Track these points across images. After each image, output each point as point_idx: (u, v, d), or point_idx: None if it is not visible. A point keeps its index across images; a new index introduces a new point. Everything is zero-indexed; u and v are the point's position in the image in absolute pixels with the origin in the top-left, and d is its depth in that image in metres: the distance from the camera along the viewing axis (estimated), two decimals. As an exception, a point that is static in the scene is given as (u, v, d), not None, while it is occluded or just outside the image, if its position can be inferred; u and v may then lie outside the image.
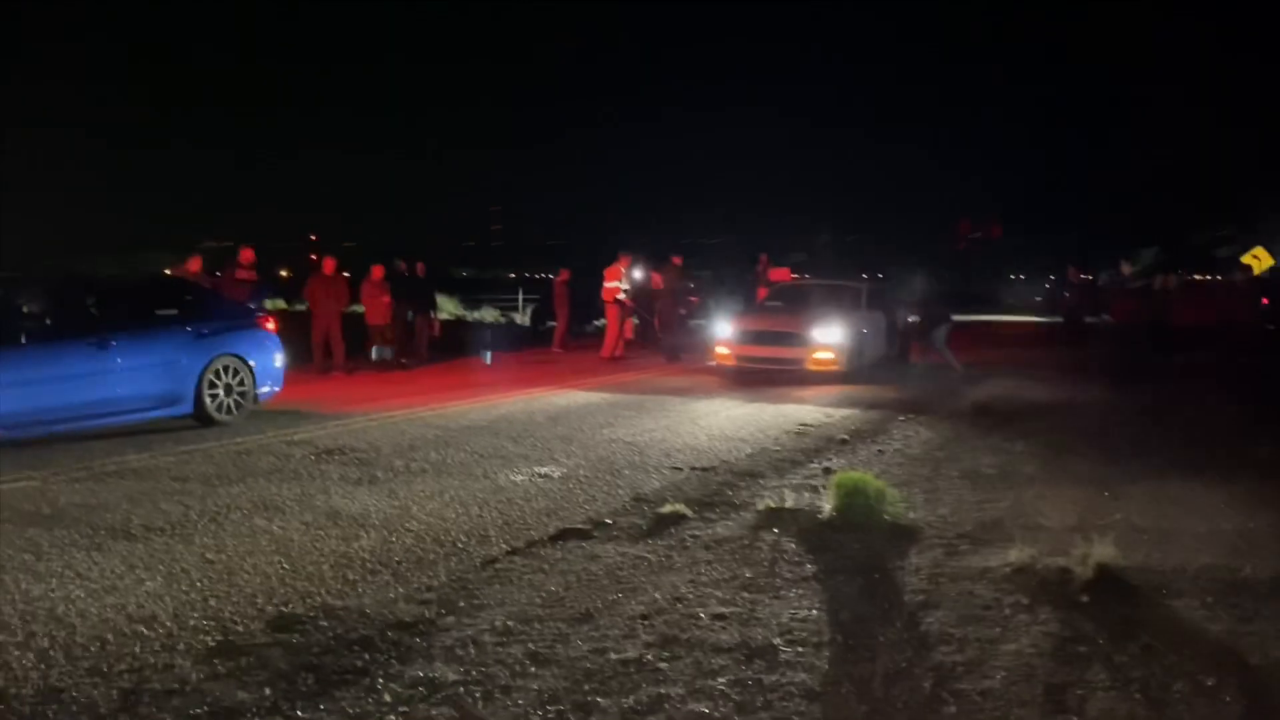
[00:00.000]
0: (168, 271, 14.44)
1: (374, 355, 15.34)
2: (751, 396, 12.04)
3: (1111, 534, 5.36)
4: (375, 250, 17.63)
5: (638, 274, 18.85)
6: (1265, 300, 20.52)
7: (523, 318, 28.32)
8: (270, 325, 10.49)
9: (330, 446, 8.37)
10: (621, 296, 17.25)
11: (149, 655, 3.87)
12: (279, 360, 10.28)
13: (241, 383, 9.74)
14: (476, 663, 3.83)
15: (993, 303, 37.96)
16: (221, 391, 9.57)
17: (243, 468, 7.50)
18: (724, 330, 14.82)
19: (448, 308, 26.97)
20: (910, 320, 16.92)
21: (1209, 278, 34.22)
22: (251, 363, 9.87)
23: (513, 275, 43.35)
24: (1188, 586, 4.84)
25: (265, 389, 10.08)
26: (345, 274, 15.75)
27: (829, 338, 13.91)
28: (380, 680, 3.67)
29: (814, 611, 4.45)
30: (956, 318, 16.97)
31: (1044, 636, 4.20)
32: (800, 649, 4.01)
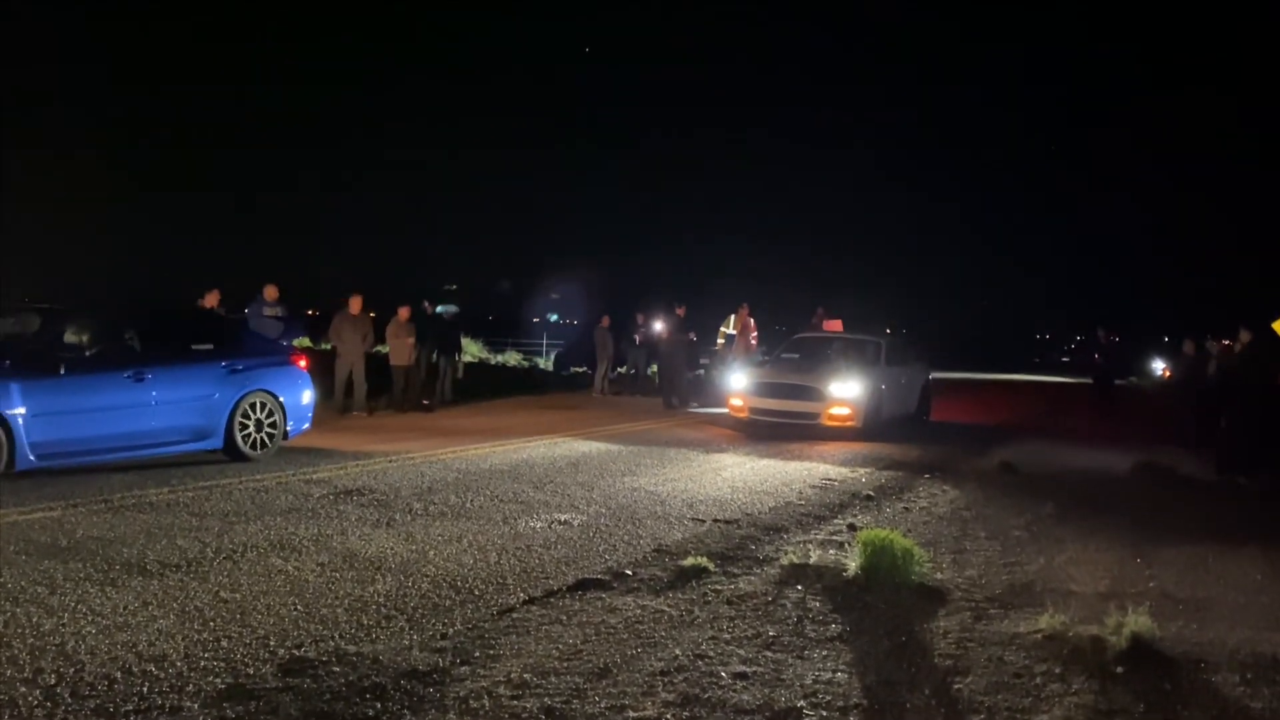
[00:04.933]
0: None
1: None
2: (774, 449, 11.91)
3: (1146, 602, 5.21)
4: (404, 291, 17.70)
5: (657, 325, 19.31)
6: None
7: (546, 362, 28.33)
8: (302, 363, 10.58)
9: (349, 487, 8.31)
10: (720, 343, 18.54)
11: (157, 696, 3.78)
12: (310, 398, 10.37)
13: (272, 419, 9.80)
14: (491, 716, 3.72)
15: (1018, 362, 37.62)
16: (252, 427, 9.62)
17: (261, 505, 7.45)
18: (739, 381, 14.60)
19: (472, 350, 27.00)
20: (929, 379, 16.63)
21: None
22: (283, 399, 9.93)
23: (535, 320, 43.47)
24: (1226, 660, 4.67)
25: (295, 426, 10.15)
26: (371, 314, 15.81)
27: (846, 392, 13.60)
28: (391, 731, 3.57)
29: (839, 674, 4.31)
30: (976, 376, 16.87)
31: (1077, 708, 4.05)
32: (825, 713, 3.87)
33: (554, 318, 43.06)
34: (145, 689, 3.85)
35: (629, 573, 5.86)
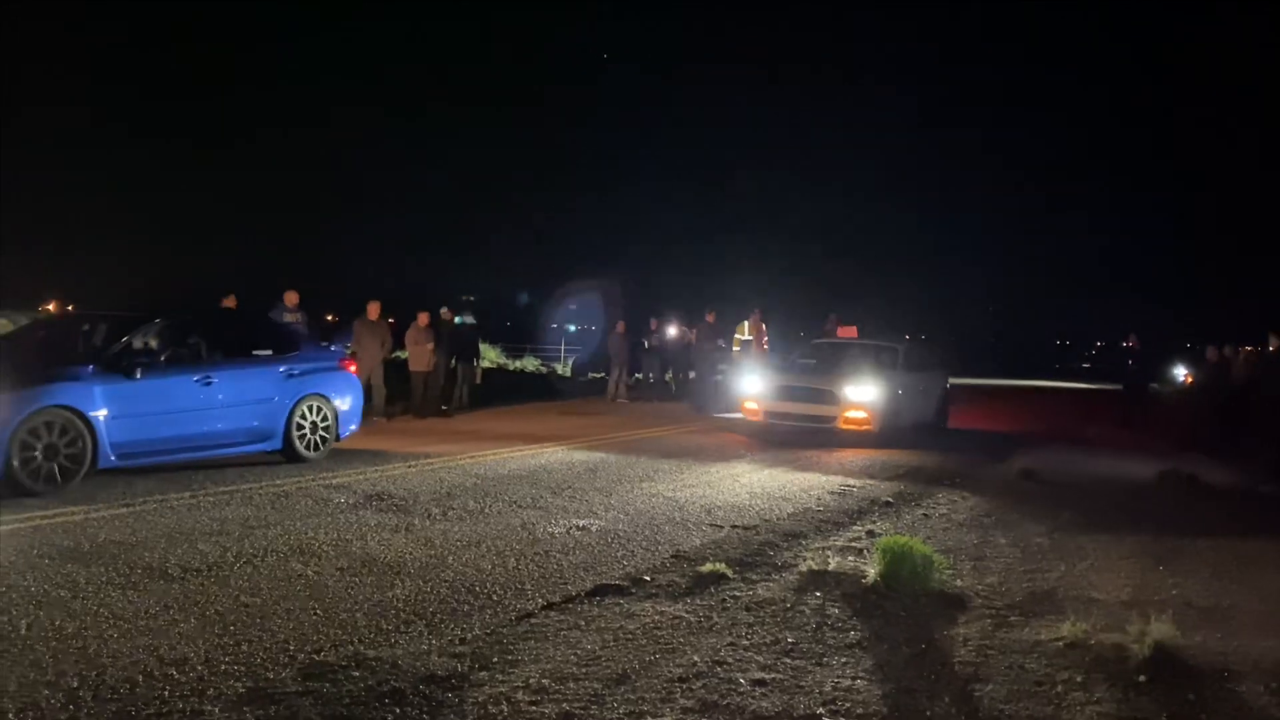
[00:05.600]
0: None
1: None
2: (791, 455, 11.87)
3: (1168, 611, 5.16)
4: (429, 297, 17.79)
5: (672, 330, 19.50)
6: None
7: (564, 369, 28.37)
8: (352, 368, 11.01)
9: (369, 491, 8.34)
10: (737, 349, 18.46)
11: (178, 700, 3.80)
12: (358, 401, 10.81)
13: (326, 422, 10.20)
14: (509, 721, 3.73)
15: (1038, 369, 37.31)
16: (308, 429, 10.02)
17: (281, 510, 7.48)
18: (754, 385, 14.39)
19: (490, 356, 27.07)
20: (948, 386, 16.38)
21: None
22: (335, 402, 10.35)
23: (554, 326, 43.50)
24: (1250, 670, 4.62)
25: (346, 428, 10.55)
26: (390, 320, 15.87)
27: (862, 396, 13.39)
28: (411, 736, 3.57)
29: (859, 681, 4.29)
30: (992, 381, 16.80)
31: (1100, 717, 4.02)
32: (844, 720, 3.86)
33: (573, 328, 43.08)
34: (166, 692, 3.87)
35: (647, 579, 5.85)
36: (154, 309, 9.79)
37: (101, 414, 8.25)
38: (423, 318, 15.65)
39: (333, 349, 11.41)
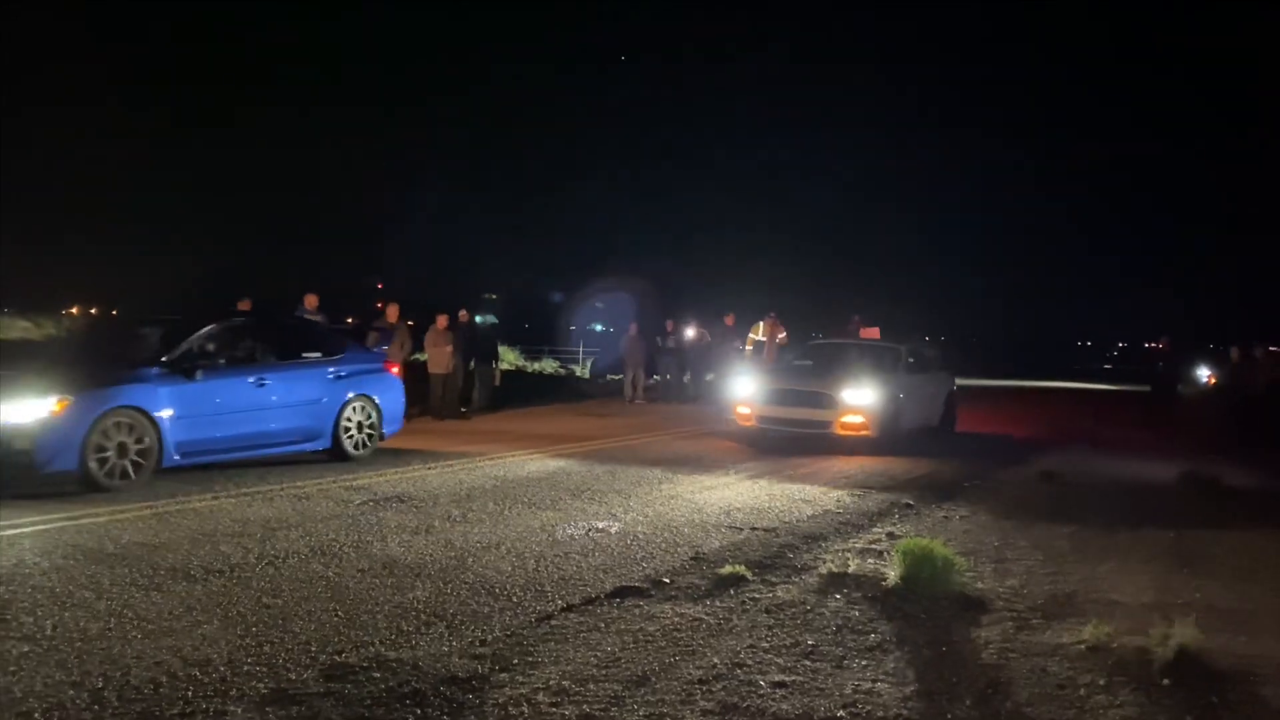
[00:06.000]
0: None
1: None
2: (803, 461, 11.85)
3: (1192, 614, 5.12)
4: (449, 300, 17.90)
5: (690, 331, 19.53)
6: None
7: (582, 370, 28.41)
8: (395, 370, 11.52)
9: (388, 494, 8.38)
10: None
11: (202, 700, 3.83)
12: (401, 402, 11.22)
13: (371, 421, 10.58)
14: (530, 723, 3.74)
15: (1059, 370, 36.89)
16: (355, 429, 10.39)
17: (301, 512, 7.53)
18: (746, 388, 13.54)
19: (508, 358, 27.16)
20: (954, 389, 15.64)
21: None
22: (379, 403, 10.72)
23: (573, 327, 43.55)
24: (1274, 673, 4.58)
25: (390, 428, 10.93)
26: (409, 322, 15.94)
27: (860, 400, 12.54)
28: (432, 737, 3.59)
29: (879, 684, 4.28)
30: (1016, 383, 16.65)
31: (1123, 721, 3.99)
32: (864, 723, 3.85)
33: (599, 327, 43.06)
34: (190, 693, 3.90)
35: (667, 581, 5.86)
36: (205, 311, 10.31)
37: (166, 414, 8.61)
38: (441, 320, 15.72)
39: (375, 351, 11.77)
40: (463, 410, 15.62)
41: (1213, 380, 26.15)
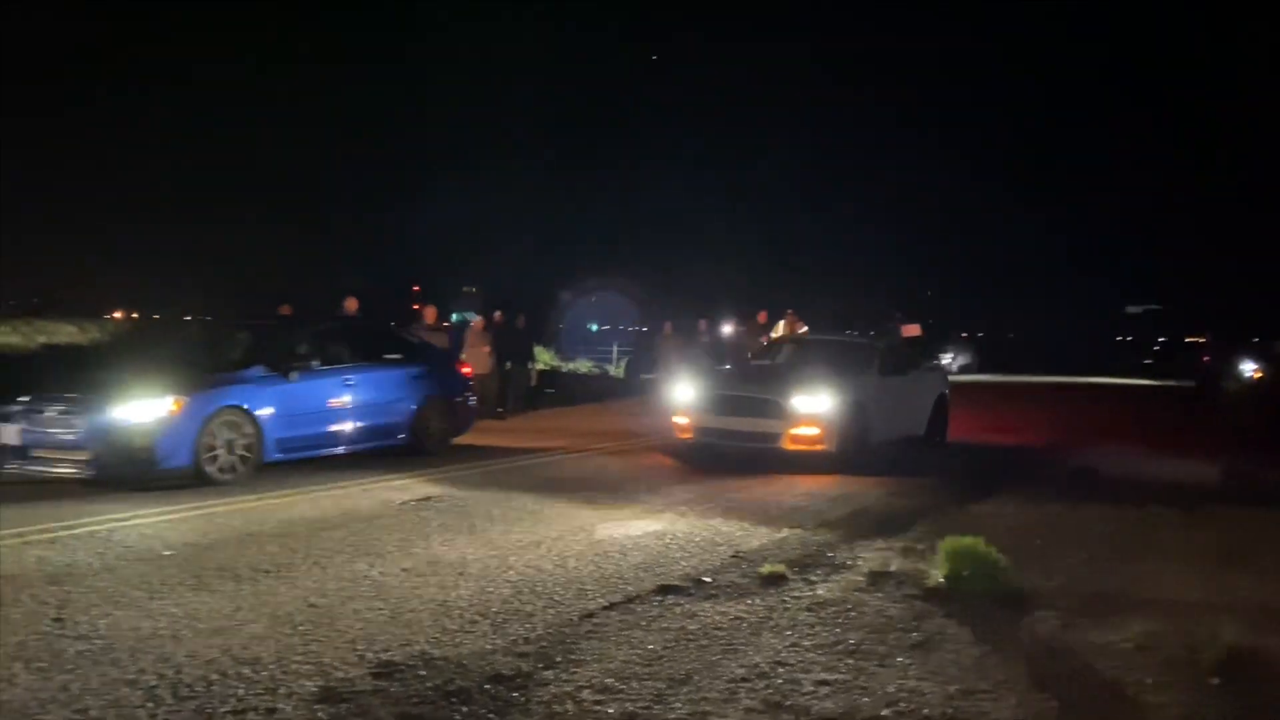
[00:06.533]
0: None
1: None
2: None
3: (1240, 612, 5.06)
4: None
5: (726, 328, 19.42)
6: None
7: (616, 369, 28.44)
8: (466, 370, 12.17)
9: (429, 494, 8.45)
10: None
11: (253, 698, 3.90)
12: (473, 401, 11.87)
13: (441, 422, 11.04)
14: (575, 720, 3.77)
15: (1096, 365, 36.14)
16: (432, 428, 10.89)
17: (345, 512, 7.62)
18: (684, 394, 11.42)
19: (544, 358, 27.29)
20: (946, 391, 13.45)
21: None
22: (454, 402, 11.27)
23: (606, 326, 43.57)
24: (1329, 672, 4.52)
25: (463, 426, 11.52)
26: (446, 324, 16.06)
27: (813, 407, 10.48)
28: (478, 734, 3.63)
29: (922, 682, 4.27)
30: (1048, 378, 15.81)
31: (1172, 720, 3.95)
32: (909, 722, 3.84)
33: (594, 327, 42.95)
34: (241, 691, 3.97)
35: (707, 579, 5.86)
36: (299, 318, 11.40)
37: (267, 413, 9.13)
38: (479, 321, 15.82)
39: (447, 352, 12.47)
40: (499, 410, 15.71)
41: (1258, 375, 25.75)
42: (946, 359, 31.07)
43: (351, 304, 13.84)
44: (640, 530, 7.22)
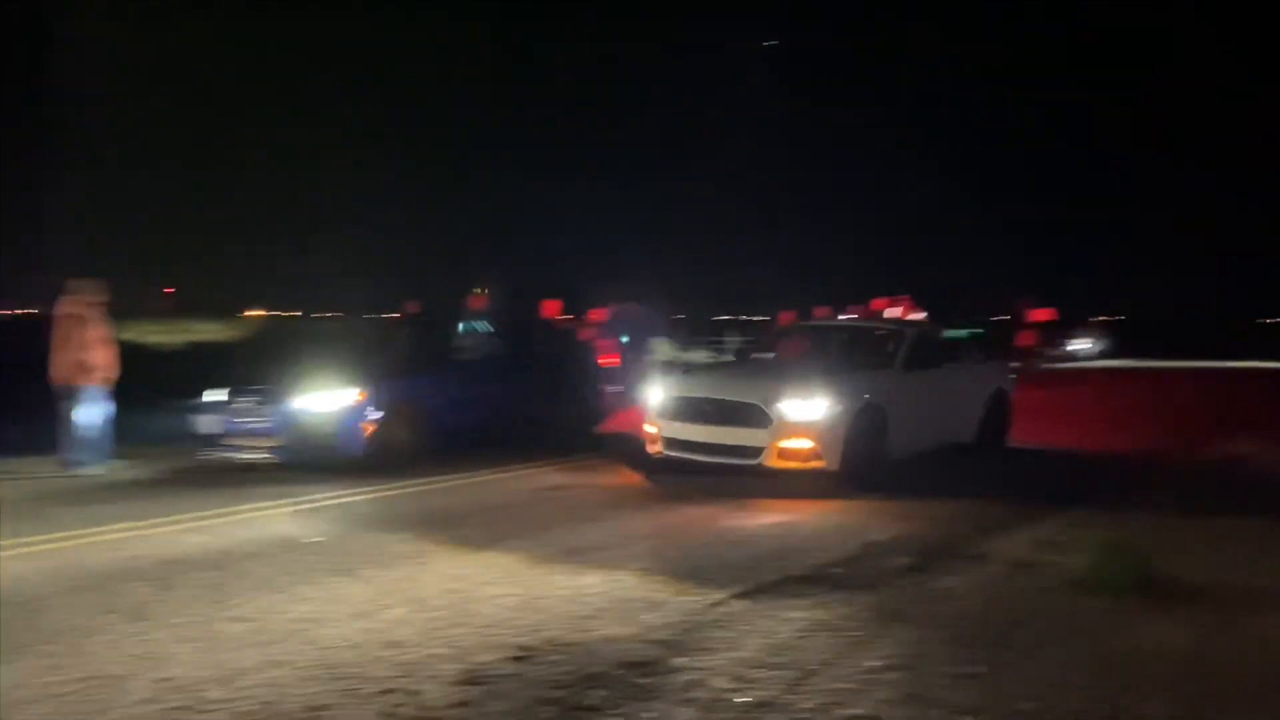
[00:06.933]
0: None
1: None
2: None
3: None
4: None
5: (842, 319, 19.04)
6: None
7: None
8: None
9: (557, 483, 8.61)
10: None
11: (399, 679, 4.05)
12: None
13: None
14: (707, 707, 3.79)
15: (1233, 350, 33.17)
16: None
17: (477, 501, 7.85)
18: (655, 397, 9.40)
19: (663, 349, 27.32)
20: (1004, 387, 11.05)
21: None
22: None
23: (726, 317, 43.31)
24: None
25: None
26: (569, 317, 16.23)
27: (806, 414, 8.27)
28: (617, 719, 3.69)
29: (1068, 676, 4.14)
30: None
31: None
32: (1051, 718, 3.73)
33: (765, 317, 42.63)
34: (387, 672, 4.13)
35: (838, 570, 5.80)
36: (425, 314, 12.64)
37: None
38: (599, 313, 15.92)
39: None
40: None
41: None
42: (1077, 344, 29.95)
43: (478, 301, 14.13)
44: (768, 519, 7.18)
